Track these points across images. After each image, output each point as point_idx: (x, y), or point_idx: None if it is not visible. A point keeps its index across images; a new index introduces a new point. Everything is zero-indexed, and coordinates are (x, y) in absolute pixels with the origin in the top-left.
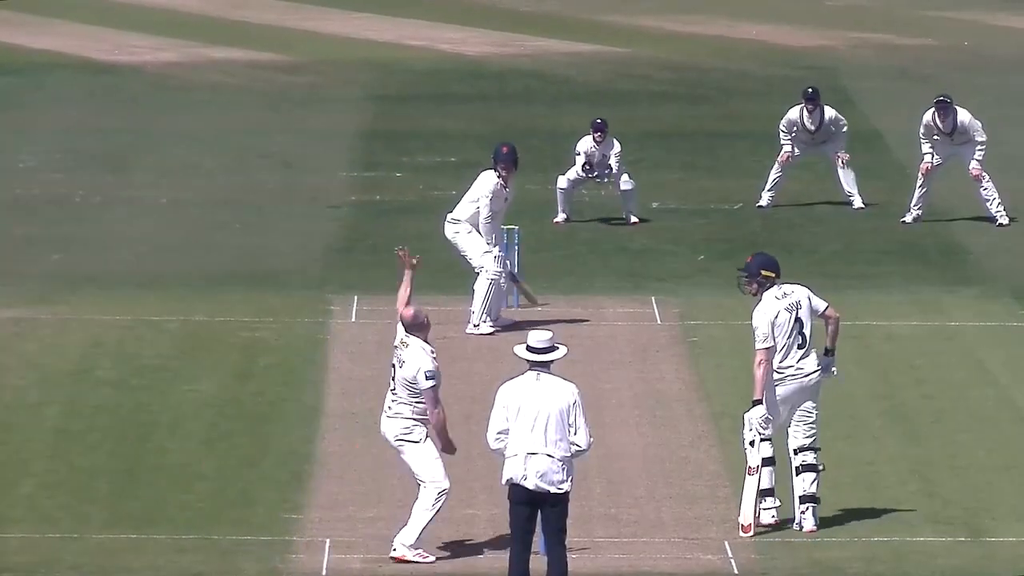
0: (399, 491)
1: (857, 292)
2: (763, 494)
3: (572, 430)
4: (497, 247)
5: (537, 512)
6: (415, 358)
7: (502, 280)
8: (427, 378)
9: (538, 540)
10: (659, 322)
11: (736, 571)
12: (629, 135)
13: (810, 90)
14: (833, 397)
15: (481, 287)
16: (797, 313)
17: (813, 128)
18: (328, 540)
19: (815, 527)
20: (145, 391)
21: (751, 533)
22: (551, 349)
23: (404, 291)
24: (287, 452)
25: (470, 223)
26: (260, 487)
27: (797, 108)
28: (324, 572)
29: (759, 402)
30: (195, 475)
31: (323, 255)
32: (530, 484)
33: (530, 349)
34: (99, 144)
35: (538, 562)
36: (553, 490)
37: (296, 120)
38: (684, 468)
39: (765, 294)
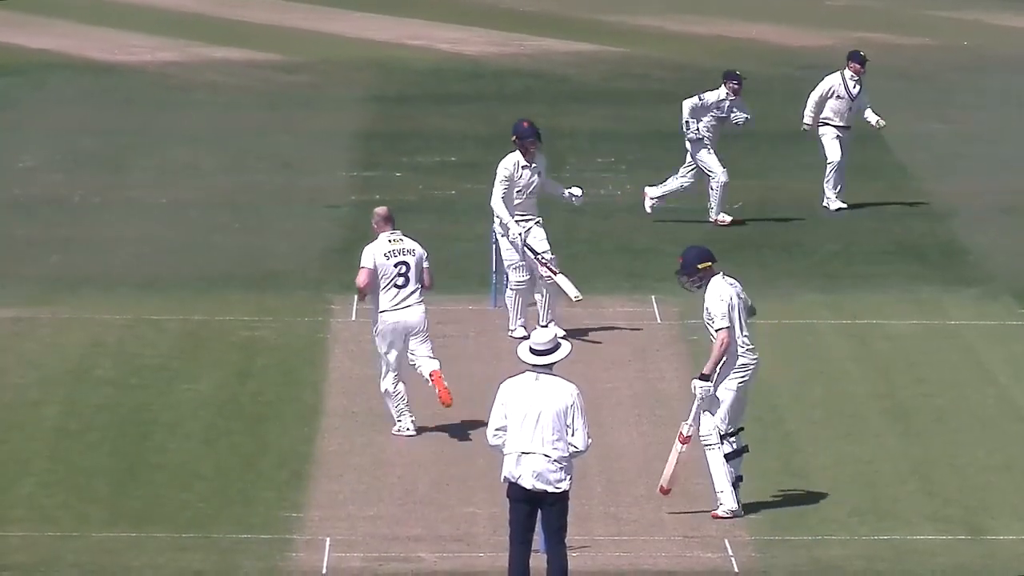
0: (399, 490)
1: (857, 292)
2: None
3: (570, 431)
4: (519, 230)
5: (536, 510)
6: (413, 243)
7: (524, 286)
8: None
9: (538, 538)
10: (659, 321)
11: (736, 569)
12: (629, 135)
13: (860, 53)
14: (833, 396)
15: (509, 297)
16: (745, 301)
17: (856, 92)
18: (328, 539)
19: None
20: (145, 391)
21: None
22: (554, 349)
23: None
24: (287, 451)
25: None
26: (260, 486)
27: (836, 74)
28: (324, 571)
29: (707, 377)
30: (195, 474)
31: (323, 255)
32: (526, 483)
33: (532, 351)
34: (99, 144)
35: (538, 560)
36: (550, 489)
37: (296, 120)
38: (684, 467)
39: (712, 280)
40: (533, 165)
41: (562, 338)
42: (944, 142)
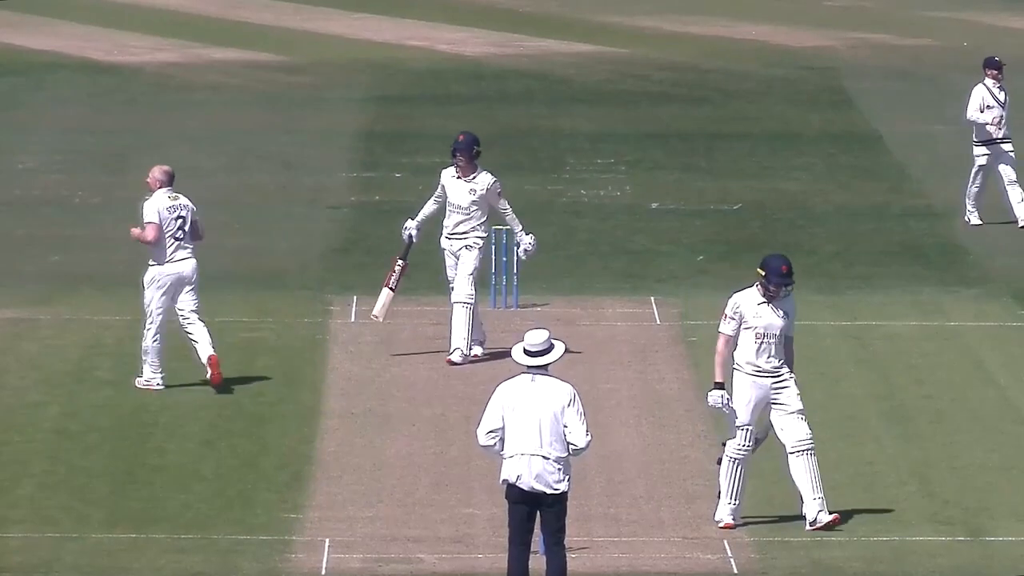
0: (398, 491)
1: (857, 292)
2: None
3: (568, 430)
4: (411, 228)
5: (535, 512)
6: (186, 199)
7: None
8: None
9: (537, 540)
10: (658, 322)
11: (735, 570)
12: (629, 135)
13: (996, 58)
14: (833, 397)
15: (458, 314)
16: None
17: (1003, 100)
18: (327, 540)
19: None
20: (144, 392)
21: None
22: (547, 350)
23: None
24: (286, 452)
25: (462, 229)
26: (259, 487)
27: (979, 87)
28: (323, 572)
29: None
30: (194, 475)
31: (323, 255)
32: (524, 485)
33: (527, 352)
34: (99, 144)
35: (537, 562)
36: (548, 491)
37: (296, 120)
38: (683, 468)
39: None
40: (466, 182)
41: (554, 339)
42: (944, 142)
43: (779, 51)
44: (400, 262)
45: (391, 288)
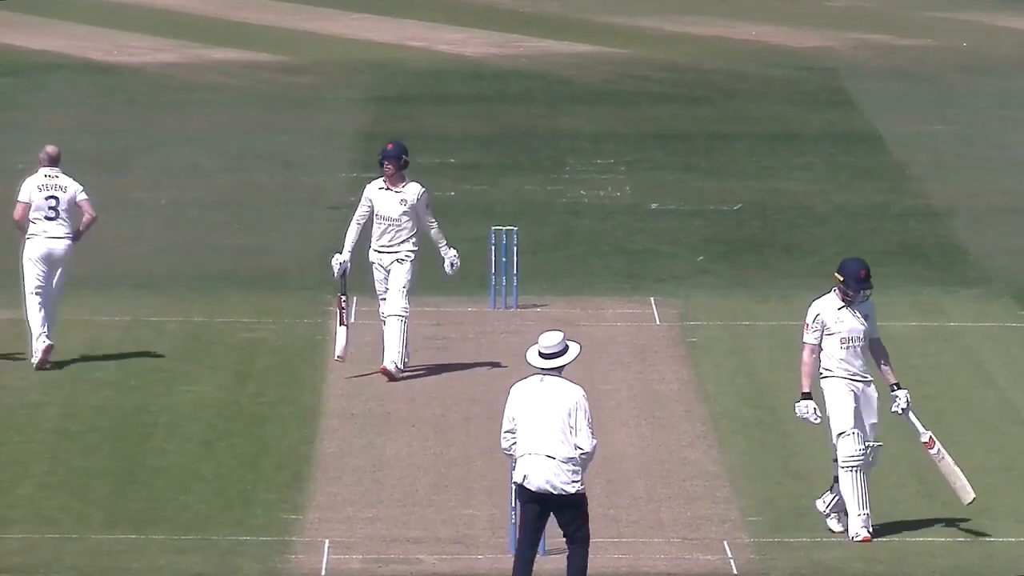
0: (398, 491)
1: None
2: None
3: (573, 432)
4: (343, 259)
5: (547, 513)
6: (69, 181)
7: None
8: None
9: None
10: (658, 323)
11: (735, 571)
12: (629, 136)
13: None
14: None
15: (393, 328)
16: None
17: None
18: (327, 540)
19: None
20: (144, 392)
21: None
22: (562, 352)
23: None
24: (286, 453)
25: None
26: (259, 488)
27: None
28: (323, 572)
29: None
30: (194, 476)
31: (323, 255)
32: (532, 485)
33: (541, 355)
34: (99, 145)
35: (537, 562)
36: (555, 492)
37: (296, 121)
38: (683, 468)
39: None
40: (396, 192)
41: (569, 340)
42: (944, 142)
43: (779, 51)
44: (343, 298)
45: (345, 325)
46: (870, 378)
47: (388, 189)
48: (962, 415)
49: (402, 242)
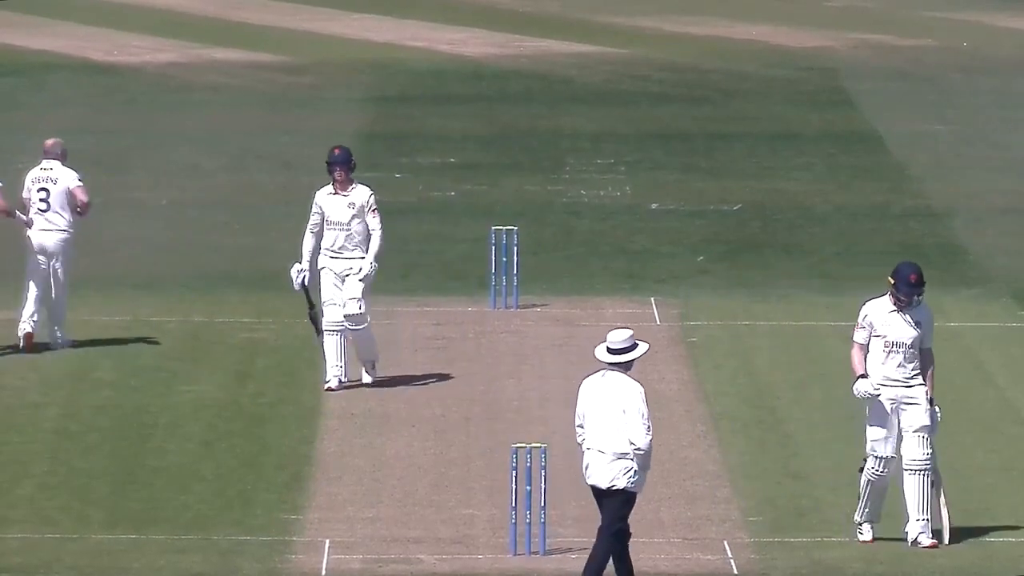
0: (398, 491)
1: (857, 293)
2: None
3: (629, 428)
4: (302, 268)
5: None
6: (64, 173)
7: (341, 327)
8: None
9: (536, 540)
10: (658, 323)
11: (735, 571)
12: (629, 136)
13: None
14: (833, 398)
15: (322, 342)
16: None
17: None
18: (327, 540)
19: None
20: (144, 392)
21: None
22: (628, 349)
23: None
24: (286, 453)
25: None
26: (259, 488)
27: None
28: (323, 572)
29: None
30: (194, 476)
31: None
32: (590, 479)
33: (608, 350)
34: (99, 145)
35: (537, 562)
36: (604, 485)
37: (296, 121)
38: (683, 468)
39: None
40: (344, 196)
41: (639, 340)
42: (944, 142)
43: (779, 51)
44: (309, 311)
45: (320, 333)
46: (915, 383)
47: (336, 194)
48: (962, 415)
49: (355, 247)
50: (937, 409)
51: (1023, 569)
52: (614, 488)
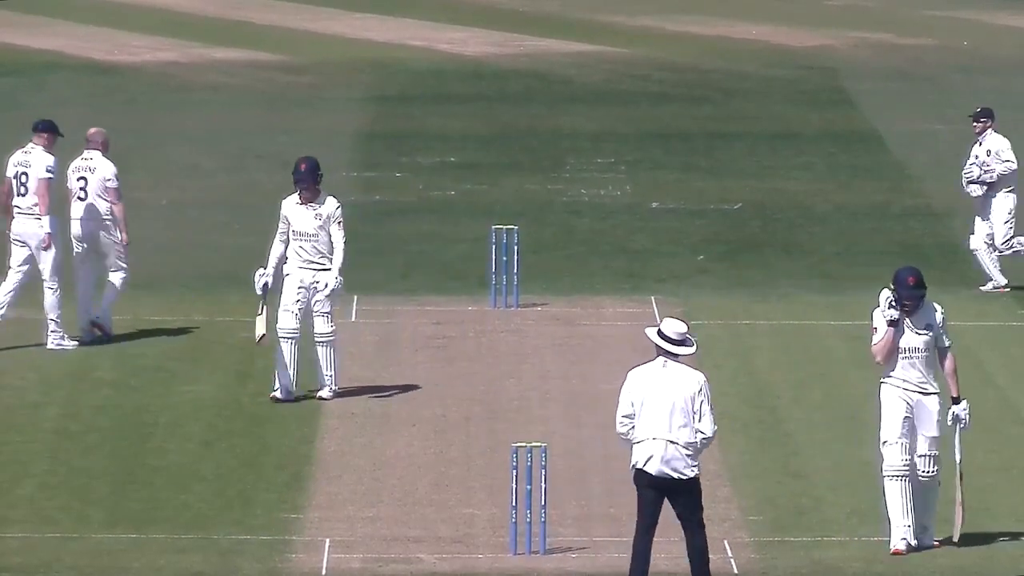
0: (398, 491)
1: (857, 293)
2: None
3: (697, 417)
4: (265, 273)
5: (662, 498)
6: (103, 164)
7: (295, 335)
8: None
9: (537, 540)
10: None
11: (736, 571)
12: (629, 135)
13: None
14: (833, 398)
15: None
16: None
17: None
18: (328, 540)
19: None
20: (144, 392)
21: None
22: (684, 343)
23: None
24: (286, 452)
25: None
26: (259, 487)
27: None
28: (324, 572)
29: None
30: (194, 475)
31: None
32: (653, 469)
33: (662, 335)
34: None
35: (537, 561)
36: (676, 476)
37: (296, 120)
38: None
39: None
40: (312, 208)
41: (690, 335)
42: (944, 142)
43: (779, 51)
44: (258, 315)
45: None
46: (931, 390)
47: (304, 204)
48: None
49: (321, 257)
50: (964, 406)
51: (1023, 569)
52: (686, 478)
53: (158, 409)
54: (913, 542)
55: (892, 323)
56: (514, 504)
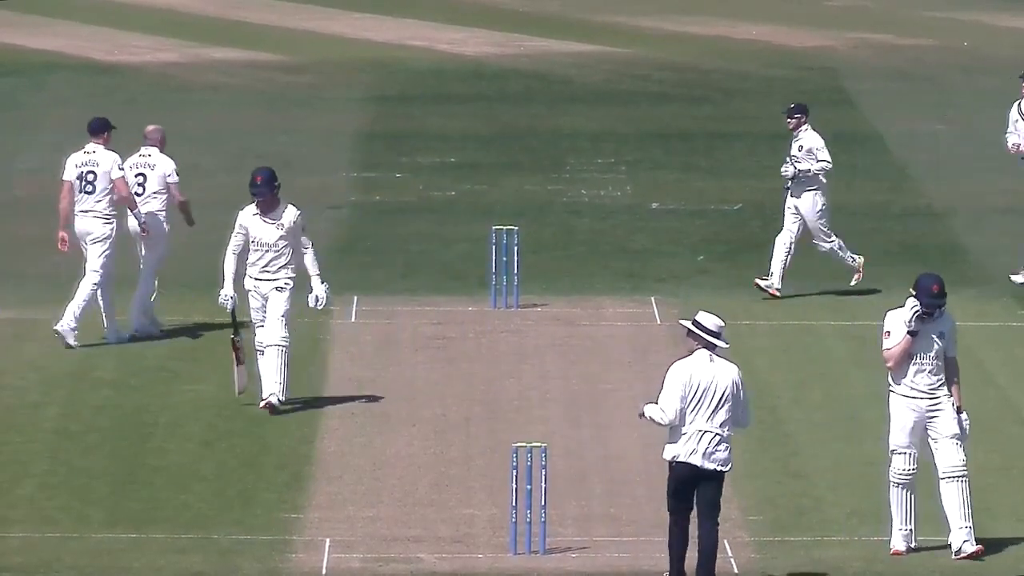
0: (398, 491)
1: (857, 292)
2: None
3: (740, 408)
4: (229, 293)
5: (695, 488)
6: (162, 161)
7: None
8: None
9: (536, 539)
10: (659, 322)
11: (736, 570)
12: (629, 135)
13: None
14: (833, 397)
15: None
16: None
17: None
18: (328, 540)
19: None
20: (145, 392)
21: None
22: (722, 336)
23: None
24: (286, 452)
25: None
26: (259, 487)
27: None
28: (324, 572)
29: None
30: (195, 475)
31: (323, 255)
32: (696, 460)
33: (699, 325)
34: None
35: (537, 561)
36: (718, 467)
37: (296, 120)
38: None
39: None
40: (272, 219)
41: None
42: (944, 142)
43: (779, 51)
44: (236, 340)
45: (241, 363)
46: (940, 394)
47: (262, 215)
48: None
49: (280, 268)
50: (965, 417)
51: (1023, 569)
52: (719, 471)
53: (158, 409)
54: (913, 543)
55: (913, 333)
56: (514, 504)
